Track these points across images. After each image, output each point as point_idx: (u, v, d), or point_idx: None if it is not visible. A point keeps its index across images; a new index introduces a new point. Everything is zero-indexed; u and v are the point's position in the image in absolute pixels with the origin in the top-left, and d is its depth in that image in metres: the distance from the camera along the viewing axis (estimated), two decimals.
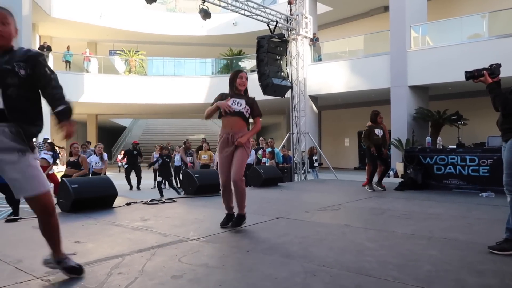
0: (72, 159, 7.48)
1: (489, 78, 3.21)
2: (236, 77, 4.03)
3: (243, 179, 3.93)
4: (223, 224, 4.02)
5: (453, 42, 13.35)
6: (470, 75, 3.34)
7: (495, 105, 3.15)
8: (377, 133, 7.24)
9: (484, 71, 3.24)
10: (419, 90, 14.42)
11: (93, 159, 8.50)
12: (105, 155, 8.77)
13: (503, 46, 11.74)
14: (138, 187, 12.10)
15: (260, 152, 10.35)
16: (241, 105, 3.96)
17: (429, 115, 13.93)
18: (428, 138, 8.24)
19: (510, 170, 3.02)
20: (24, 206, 7.66)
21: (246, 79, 4.06)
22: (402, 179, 7.78)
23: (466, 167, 7.04)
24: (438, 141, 7.82)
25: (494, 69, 3.25)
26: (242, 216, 4.01)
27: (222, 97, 4.01)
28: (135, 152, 12.36)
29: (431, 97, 15.16)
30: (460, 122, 10.91)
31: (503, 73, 3.32)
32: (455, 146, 7.53)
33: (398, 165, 13.47)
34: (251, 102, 4.05)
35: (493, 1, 15.35)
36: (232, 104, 3.91)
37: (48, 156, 8.58)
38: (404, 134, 13.55)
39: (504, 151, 3.14)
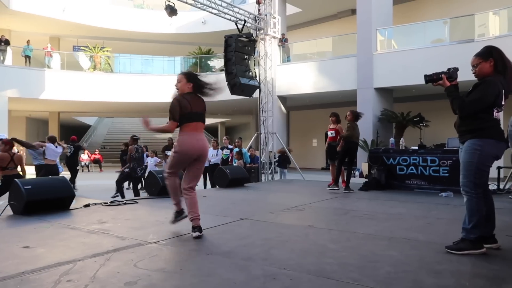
0: None
1: (447, 81, 3.26)
2: None
3: (166, 175, 3.89)
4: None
5: (417, 46, 13.74)
6: (429, 78, 3.39)
7: (453, 107, 3.20)
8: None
9: (443, 75, 3.29)
10: (384, 92, 14.75)
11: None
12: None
13: (463, 51, 12.15)
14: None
15: (225, 151, 10.25)
16: None
17: (393, 117, 14.29)
18: (392, 139, 8.42)
19: (466, 171, 3.09)
20: None
21: (178, 81, 3.81)
22: (367, 180, 7.90)
23: (427, 168, 7.23)
24: (401, 142, 8.01)
25: (452, 73, 3.31)
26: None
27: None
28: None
29: (395, 99, 15.55)
30: (422, 124, 11.23)
31: (462, 77, 3.38)
32: (417, 147, 7.72)
33: (363, 166, 13.72)
34: None
35: (454, 8, 15.96)
36: None
37: None
38: (369, 135, 13.82)
39: (461, 152, 3.20)
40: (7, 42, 17.46)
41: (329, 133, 7.68)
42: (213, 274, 2.62)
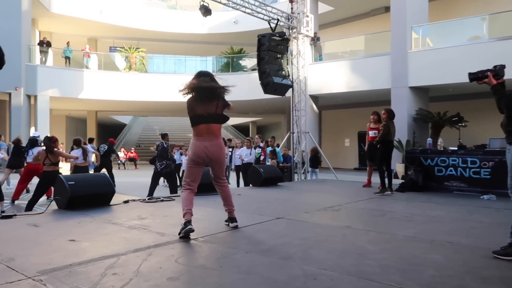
0: None
1: (494, 79, 3.14)
2: None
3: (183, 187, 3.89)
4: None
5: (454, 44, 13.28)
6: (473, 76, 3.27)
7: (500, 106, 3.08)
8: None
9: (488, 73, 3.17)
10: (419, 91, 14.35)
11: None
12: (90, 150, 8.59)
13: (503, 48, 11.67)
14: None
15: (258, 150, 10.26)
16: None
17: (429, 116, 13.86)
18: (429, 140, 8.17)
19: None
20: (20, 202, 7.60)
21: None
22: (403, 180, 7.71)
23: (468, 169, 6.98)
24: (439, 143, 7.76)
25: (498, 70, 3.18)
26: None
27: None
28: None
29: (431, 98, 15.09)
30: (460, 124, 10.83)
31: (505, 75, 3.25)
32: (456, 148, 7.46)
33: (398, 166, 13.41)
34: None
35: (493, 3, 15.28)
36: None
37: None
38: (404, 135, 13.48)
39: (509, 153, 3.07)
40: (48, 44, 18.23)
41: (370, 132, 7.54)
42: (253, 273, 2.64)
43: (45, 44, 18.03)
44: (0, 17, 15.96)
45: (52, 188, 6.71)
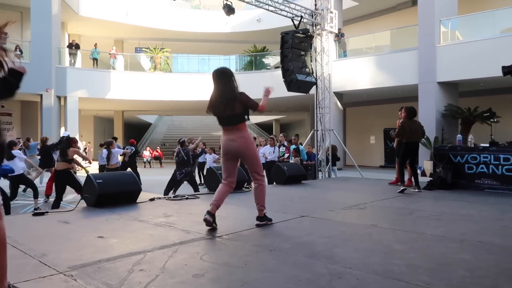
0: None
1: None
2: None
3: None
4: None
5: (485, 36, 12.82)
6: (508, 70, 3.16)
7: None
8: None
9: None
10: (448, 87, 13.95)
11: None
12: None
13: None
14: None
15: (282, 149, 10.22)
16: None
17: (459, 112, 13.46)
18: (459, 136, 7.92)
19: None
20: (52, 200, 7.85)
21: None
22: (431, 178, 7.52)
23: (500, 167, 6.73)
24: (469, 139, 7.51)
25: None
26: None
27: None
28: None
29: (461, 93, 14.64)
30: (492, 120, 10.45)
31: None
32: (487, 145, 7.21)
33: (426, 164, 13.08)
34: None
35: None
36: None
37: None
38: (432, 132, 13.14)
39: None
40: (77, 46, 18.77)
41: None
42: (277, 270, 2.63)
43: (74, 47, 18.57)
44: (32, 22, 16.56)
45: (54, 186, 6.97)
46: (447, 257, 2.92)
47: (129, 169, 10.79)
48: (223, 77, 3.85)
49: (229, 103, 3.76)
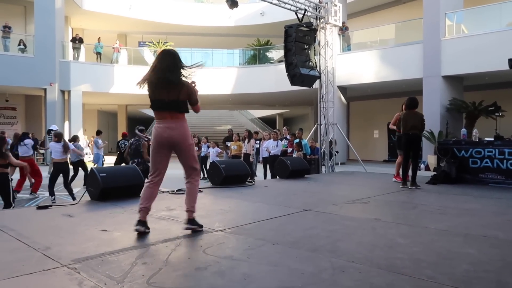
0: None
1: None
2: None
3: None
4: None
5: (491, 30, 12.69)
6: None
7: None
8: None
9: None
10: (453, 80, 13.84)
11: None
12: (70, 145, 8.08)
13: None
14: None
15: (285, 142, 10.19)
16: None
17: (463, 106, 13.37)
18: (464, 130, 7.88)
19: None
20: (59, 194, 7.88)
21: None
22: (435, 172, 7.48)
23: (505, 161, 6.69)
24: (474, 133, 7.46)
25: None
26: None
27: None
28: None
29: (465, 87, 14.53)
30: (497, 114, 10.37)
31: None
32: (492, 139, 7.16)
33: (429, 158, 13.04)
34: None
35: None
36: None
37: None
38: (436, 126, 13.07)
39: None
40: (81, 41, 18.74)
41: None
42: (280, 264, 2.63)
43: (77, 41, 18.56)
44: (36, 16, 16.56)
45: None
46: (450, 251, 2.91)
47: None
48: (172, 56, 3.43)
49: (177, 87, 3.33)
